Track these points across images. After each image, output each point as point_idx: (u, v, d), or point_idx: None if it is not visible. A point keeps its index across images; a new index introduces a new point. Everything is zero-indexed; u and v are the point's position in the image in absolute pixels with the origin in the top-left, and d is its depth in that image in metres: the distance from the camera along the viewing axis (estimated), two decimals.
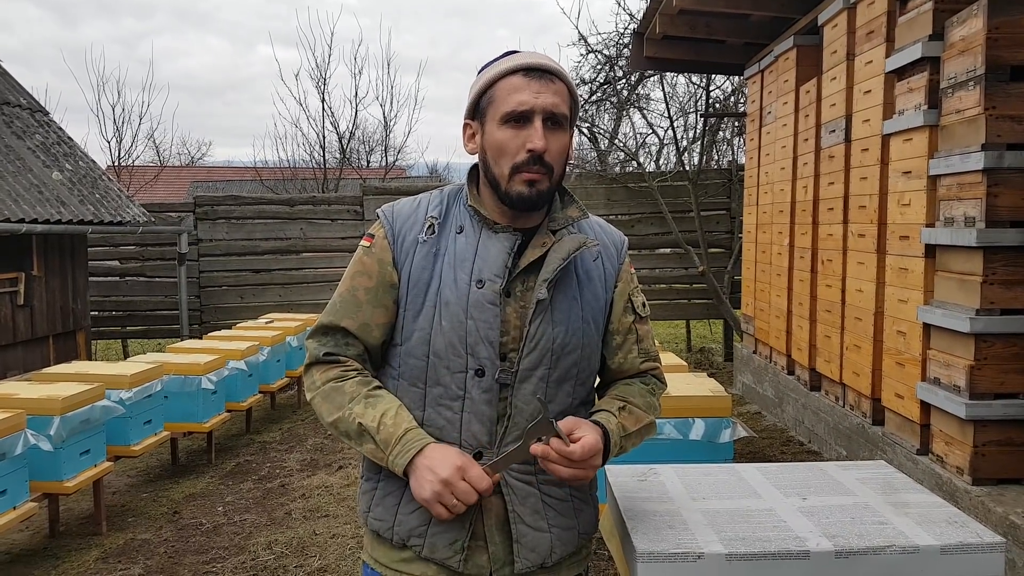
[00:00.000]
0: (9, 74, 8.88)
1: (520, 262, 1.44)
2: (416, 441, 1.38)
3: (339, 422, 1.43)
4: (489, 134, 1.42)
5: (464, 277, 1.43)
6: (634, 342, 1.57)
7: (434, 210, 1.50)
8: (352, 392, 1.44)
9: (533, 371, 1.43)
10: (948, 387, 3.60)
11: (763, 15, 6.16)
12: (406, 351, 1.46)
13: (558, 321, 1.45)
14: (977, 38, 3.41)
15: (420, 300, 1.44)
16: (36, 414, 3.69)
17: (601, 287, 1.53)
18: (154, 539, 4.06)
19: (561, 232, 1.48)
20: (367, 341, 1.49)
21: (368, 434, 1.40)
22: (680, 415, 3.23)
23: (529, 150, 1.38)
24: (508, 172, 1.40)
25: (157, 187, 18.59)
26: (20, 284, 7.17)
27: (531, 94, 1.38)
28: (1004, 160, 3.33)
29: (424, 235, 1.47)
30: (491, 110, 1.42)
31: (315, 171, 14.94)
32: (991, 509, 3.25)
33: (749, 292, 7.20)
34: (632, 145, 11.68)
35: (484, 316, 1.41)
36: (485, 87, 1.43)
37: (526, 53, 1.45)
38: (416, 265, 1.46)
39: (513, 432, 1.42)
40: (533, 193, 1.40)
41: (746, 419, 6.21)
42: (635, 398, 1.54)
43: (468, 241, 1.46)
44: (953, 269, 3.64)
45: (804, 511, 1.69)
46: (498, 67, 1.43)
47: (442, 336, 1.42)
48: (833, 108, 5.13)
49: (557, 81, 1.42)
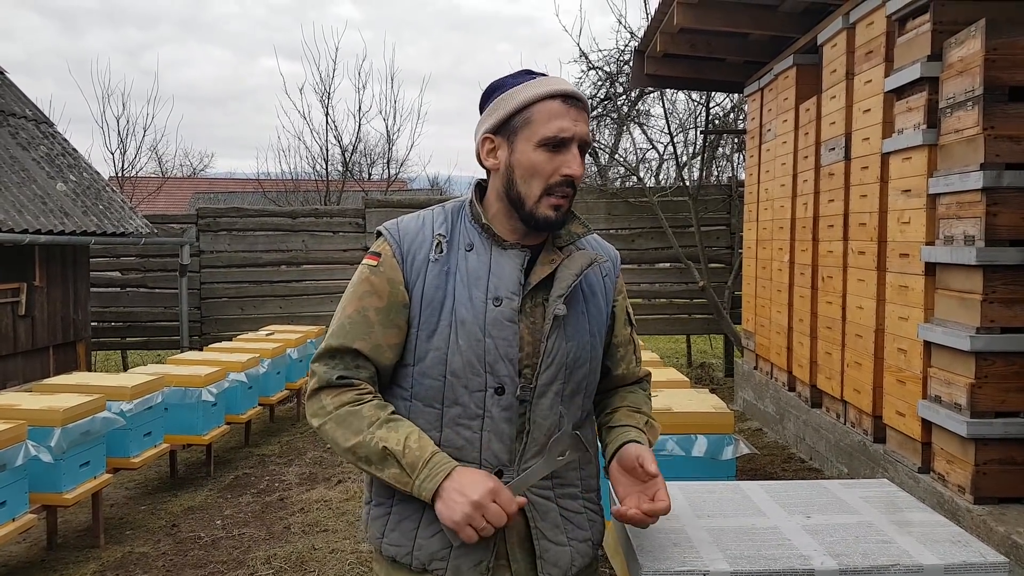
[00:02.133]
0: (15, 85, 8.94)
1: (531, 279, 1.46)
2: (444, 464, 1.38)
3: (359, 447, 1.40)
4: (522, 153, 1.44)
5: (480, 295, 1.44)
6: (632, 351, 1.65)
7: (440, 228, 1.50)
8: (371, 416, 1.42)
9: (550, 386, 1.45)
10: (949, 405, 3.61)
11: (763, 34, 6.21)
12: (420, 371, 1.45)
13: (570, 336, 1.47)
14: (975, 59, 3.44)
15: (435, 319, 1.44)
16: (37, 425, 3.68)
17: (603, 301, 1.57)
18: (152, 552, 4.05)
19: (568, 248, 1.51)
20: (379, 363, 1.47)
21: (393, 458, 1.38)
22: (682, 431, 3.23)
23: (566, 175, 1.42)
24: (539, 193, 1.43)
25: (159, 198, 18.65)
26: (22, 294, 7.18)
27: (571, 121, 1.42)
28: (1003, 179, 3.35)
29: (434, 254, 1.47)
30: (526, 131, 1.43)
31: (317, 183, 14.99)
32: (993, 528, 3.24)
33: (749, 308, 7.21)
34: (632, 160, 11.74)
35: (503, 334, 1.42)
36: (521, 107, 1.44)
37: (554, 79, 1.48)
38: (429, 284, 1.45)
39: (532, 448, 1.44)
40: (559, 217, 1.45)
41: (747, 436, 6.20)
42: (645, 407, 1.62)
43: (480, 259, 1.47)
44: (953, 287, 3.66)
45: (808, 529, 1.70)
46: (535, 89, 1.44)
47: (460, 355, 1.42)
48: (833, 126, 5.16)
49: (584, 112, 1.47)
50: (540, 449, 1.43)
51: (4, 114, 8.11)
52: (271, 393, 6.28)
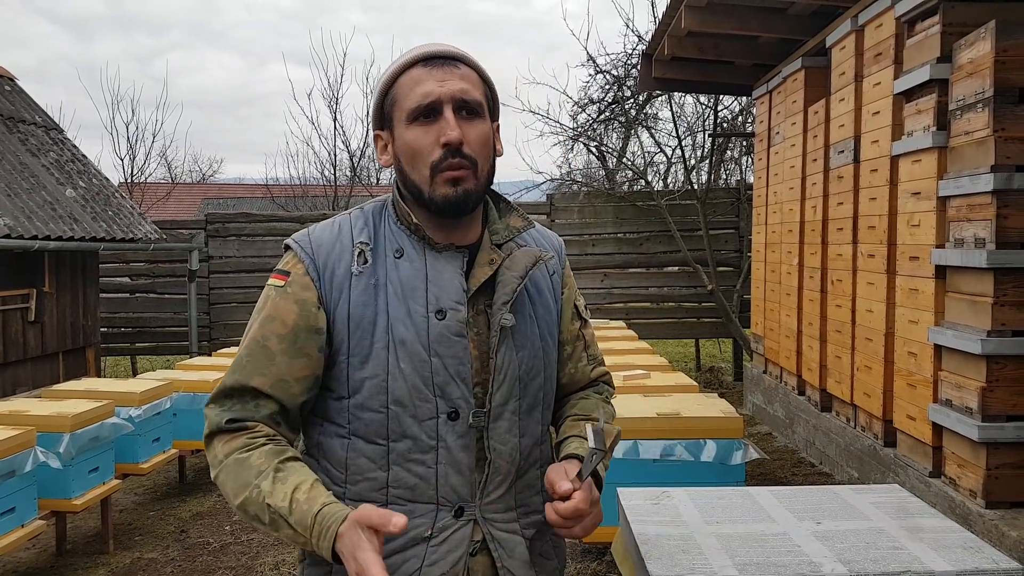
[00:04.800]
0: (24, 92, 8.99)
1: (470, 283, 1.28)
2: (332, 517, 1.13)
3: (247, 503, 1.19)
4: (399, 138, 1.26)
5: (419, 308, 1.24)
6: (583, 349, 1.46)
7: (361, 234, 1.29)
8: (259, 465, 1.20)
9: (505, 405, 1.27)
10: (960, 409, 3.58)
11: (771, 37, 6.20)
12: (357, 404, 1.24)
13: (520, 345, 1.30)
14: (985, 61, 3.42)
15: (367, 342, 1.24)
16: (46, 431, 3.70)
17: (551, 298, 1.40)
18: (161, 558, 4.05)
19: (508, 246, 1.33)
20: (283, 400, 1.25)
21: (280, 518, 1.16)
22: (691, 436, 3.22)
23: (444, 144, 1.21)
24: (428, 174, 1.24)
25: (169, 204, 18.74)
26: (31, 300, 7.21)
27: (435, 83, 1.23)
28: (1013, 182, 3.33)
29: (357, 266, 1.26)
30: (396, 111, 1.26)
31: (326, 188, 15.02)
32: (1005, 533, 3.21)
33: (758, 311, 7.18)
34: (640, 164, 11.72)
35: (451, 351, 1.24)
36: (386, 88, 1.28)
37: (420, 46, 1.30)
38: (355, 302, 1.25)
39: (495, 478, 1.27)
40: (460, 193, 1.23)
41: (757, 440, 6.17)
42: (597, 412, 1.41)
43: (413, 265, 1.27)
44: (964, 290, 3.63)
45: (818, 535, 1.68)
46: (395, 65, 1.28)
47: (403, 381, 1.22)
48: (842, 129, 5.14)
49: (463, 66, 1.27)
50: (503, 478, 1.28)
51: (14, 120, 8.17)
52: None
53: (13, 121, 8.14)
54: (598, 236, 9.13)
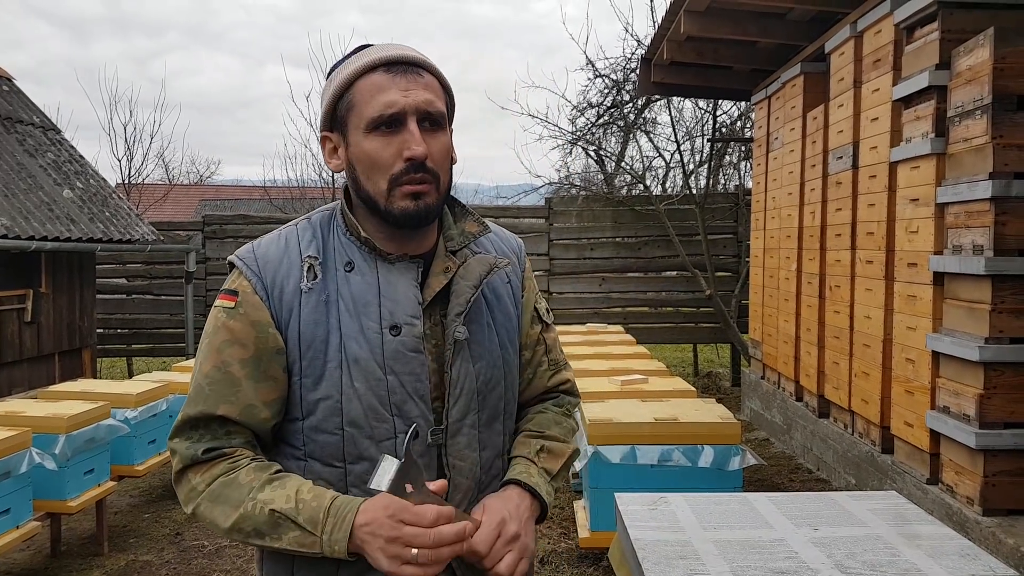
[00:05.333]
0: (22, 92, 8.98)
1: (424, 294, 1.24)
2: (348, 505, 1.13)
3: (242, 521, 1.14)
4: (355, 146, 1.20)
5: (372, 324, 1.19)
6: (543, 353, 1.42)
7: (309, 247, 1.23)
8: (251, 481, 1.16)
9: (463, 420, 1.24)
10: (958, 416, 3.58)
11: (770, 42, 6.21)
12: (311, 427, 1.20)
13: (477, 356, 1.25)
14: (984, 68, 3.43)
15: (320, 362, 1.18)
16: (42, 432, 3.68)
17: (510, 303, 1.35)
18: (156, 561, 4.04)
19: (463, 253, 1.28)
20: (253, 426, 1.21)
21: (286, 519, 1.12)
22: (689, 441, 3.21)
23: (408, 158, 1.17)
24: (386, 187, 1.18)
25: (166, 205, 18.73)
26: (28, 301, 7.20)
27: (399, 92, 1.17)
28: (1012, 189, 3.33)
29: (306, 282, 1.21)
30: (353, 117, 1.20)
31: (324, 191, 15.01)
32: (1002, 541, 3.21)
33: (757, 317, 7.18)
34: (639, 168, 11.74)
35: (408, 368, 1.19)
36: (341, 90, 1.21)
37: (383, 45, 1.24)
38: (306, 320, 1.19)
39: (455, 496, 1.23)
40: (420, 207, 1.19)
41: (754, 446, 6.17)
42: (552, 429, 1.38)
43: (365, 279, 1.21)
44: (962, 297, 3.63)
45: (816, 542, 1.68)
46: (352, 65, 1.21)
47: (358, 401, 1.18)
48: (840, 135, 5.14)
49: (426, 74, 1.21)
50: (464, 494, 1.24)
51: (11, 121, 8.16)
52: None
53: (11, 121, 8.13)
54: (596, 240, 9.13)
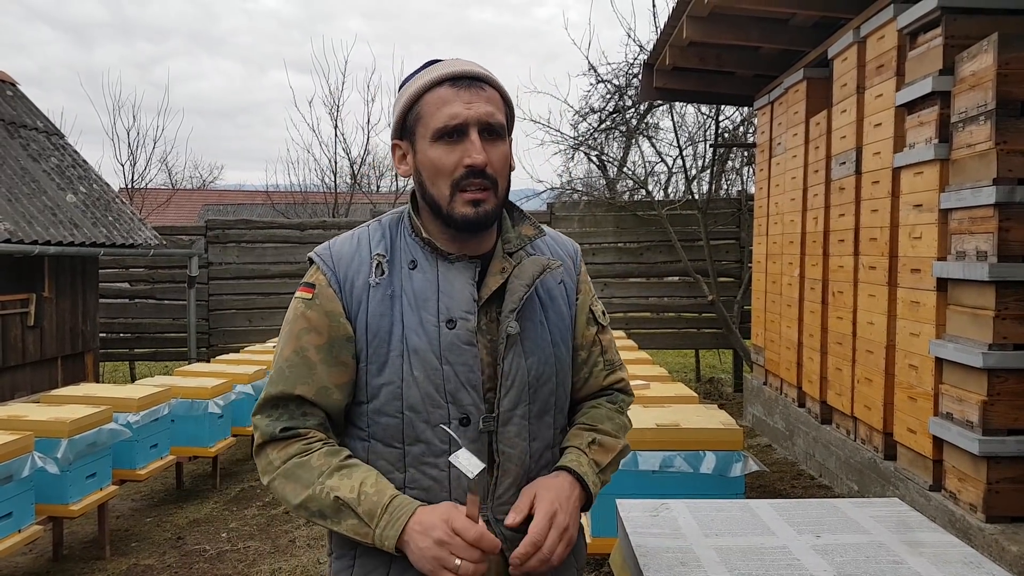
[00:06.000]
0: (26, 97, 9.02)
1: (481, 293, 1.33)
2: (405, 507, 1.24)
3: (309, 501, 1.27)
4: (422, 153, 1.31)
5: (430, 318, 1.30)
6: (599, 354, 1.49)
7: (378, 246, 1.36)
8: (321, 465, 1.28)
9: (514, 410, 1.32)
10: (961, 422, 3.57)
11: (773, 48, 6.21)
12: (375, 409, 1.31)
13: (529, 351, 1.34)
14: (987, 73, 3.42)
15: (384, 351, 1.30)
16: (44, 436, 3.69)
17: (564, 304, 1.44)
18: (157, 565, 4.03)
19: (519, 254, 1.38)
20: (327, 406, 1.33)
21: (348, 508, 1.24)
22: (691, 448, 3.20)
23: (468, 165, 1.27)
24: (449, 192, 1.29)
25: (169, 210, 18.77)
26: (31, 305, 7.21)
27: (462, 105, 1.28)
28: (1016, 195, 3.33)
29: (375, 277, 1.33)
30: (420, 127, 1.31)
31: (326, 195, 15.04)
32: (1006, 548, 3.19)
33: (759, 322, 7.17)
34: (641, 173, 11.73)
35: (462, 359, 1.29)
36: (411, 103, 1.32)
37: (451, 61, 1.34)
38: (373, 312, 1.31)
39: (504, 481, 1.32)
40: (480, 214, 1.29)
41: (756, 452, 6.15)
42: (604, 423, 1.45)
43: (426, 276, 1.33)
44: (965, 303, 3.62)
45: (818, 549, 1.67)
46: (421, 79, 1.32)
47: (416, 387, 1.28)
48: (843, 140, 5.14)
49: (488, 88, 1.32)
50: (513, 481, 1.33)
51: (15, 126, 8.18)
52: None
53: (15, 126, 8.16)
54: (598, 245, 9.13)
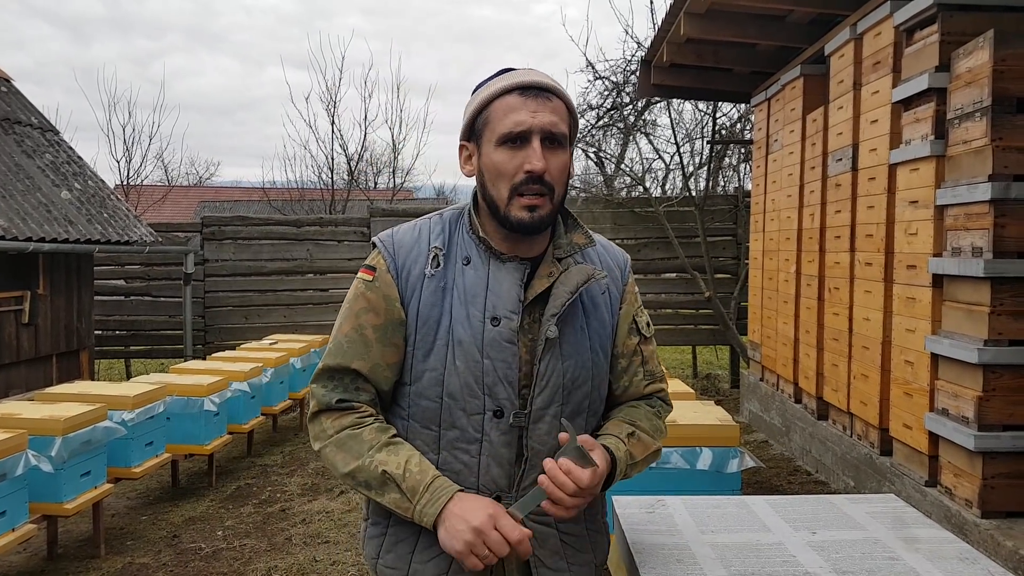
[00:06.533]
0: (20, 93, 8.97)
1: (527, 294, 1.40)
2: (446, 489, 1.33)
3: (358, 471, 1.36)
4: (486, 156, 1.38)
5: (477, 313, 1.38)
6: (639, 364, 1.53)
7: (436, 239, 1.43)
8: (371, 440, 1.37)
9: (546, 409, 1.38)
10: (956, 418, 3.57)
11: (770, 44, 6.20)
12: (416, 392, 1.40)
13: (567, 355, 1.40)
14: (983, 70, 3.42)
15: (431, 338, 1.38)
16: (38, 434, 3.67)
17: (607, 312, 1.48)
18: (153, 563, 4.02)
19: (567, 261, 1.43)
20: (378, 383, 1.42)
21: (393, 482, 1.34)
22: (687, 444, 3.20)
23: (527, 171, 1.33)
24: (507, 195, 1.36)
25: (165, 207, 18.71)
26: (25, 302, 7.18)
27: (528, 113, 1.34)
28: (1011, 191, 3.33)
29: (430, 268, 1.41)
30: (487, 131, 1.38)
31: (323, 192, 15.00)
32: (1001, 543, 3.20)
33: (756, 319, 7.17)
34: (638, 170, 11.73)
35: (502, 355, 1.37)
36: (480, 107, 1.39)
37: (522, 71, 1.40)
38: (425, 302, 1.39)
39: (531, 474, 1.38)
40: (534, 219, 1.36)
41: (753, 448, 6.16)
42: (643, 422, 1.49)
43: (477, 274, 1.40)
44: (961, 299, 3.63)
45: (814, 545, 1.67)
46: (493, 86, 1.39)
47: (457, 377, 1.36)
48: (840, 137, 5.14)
49: (555, 99, 1.38)
50: (539, 474, 1.36)
51: (10, 122, 8.15)
52: (274, 403, 6.26)
53: (9, 122, 8.12)
54: None
